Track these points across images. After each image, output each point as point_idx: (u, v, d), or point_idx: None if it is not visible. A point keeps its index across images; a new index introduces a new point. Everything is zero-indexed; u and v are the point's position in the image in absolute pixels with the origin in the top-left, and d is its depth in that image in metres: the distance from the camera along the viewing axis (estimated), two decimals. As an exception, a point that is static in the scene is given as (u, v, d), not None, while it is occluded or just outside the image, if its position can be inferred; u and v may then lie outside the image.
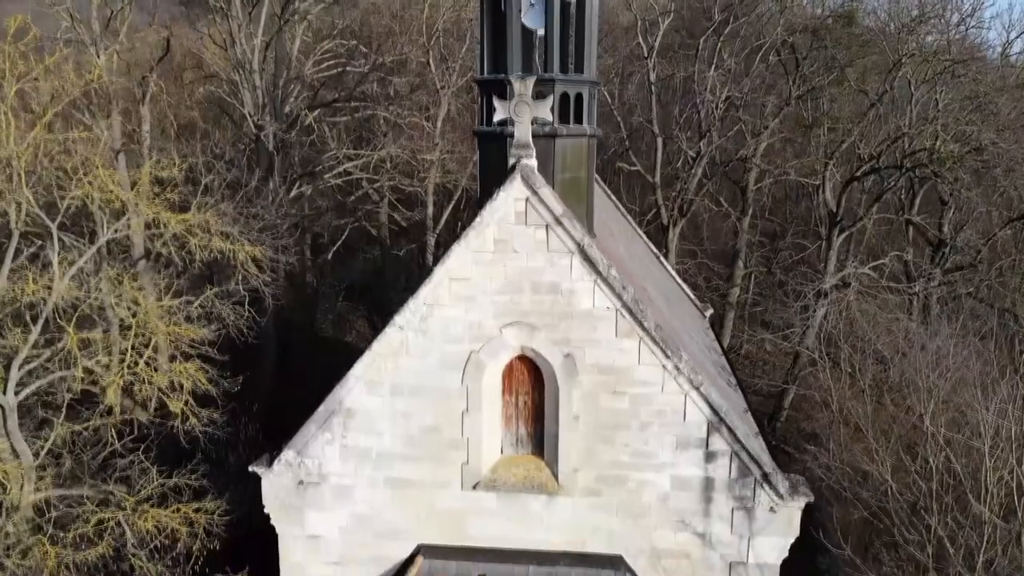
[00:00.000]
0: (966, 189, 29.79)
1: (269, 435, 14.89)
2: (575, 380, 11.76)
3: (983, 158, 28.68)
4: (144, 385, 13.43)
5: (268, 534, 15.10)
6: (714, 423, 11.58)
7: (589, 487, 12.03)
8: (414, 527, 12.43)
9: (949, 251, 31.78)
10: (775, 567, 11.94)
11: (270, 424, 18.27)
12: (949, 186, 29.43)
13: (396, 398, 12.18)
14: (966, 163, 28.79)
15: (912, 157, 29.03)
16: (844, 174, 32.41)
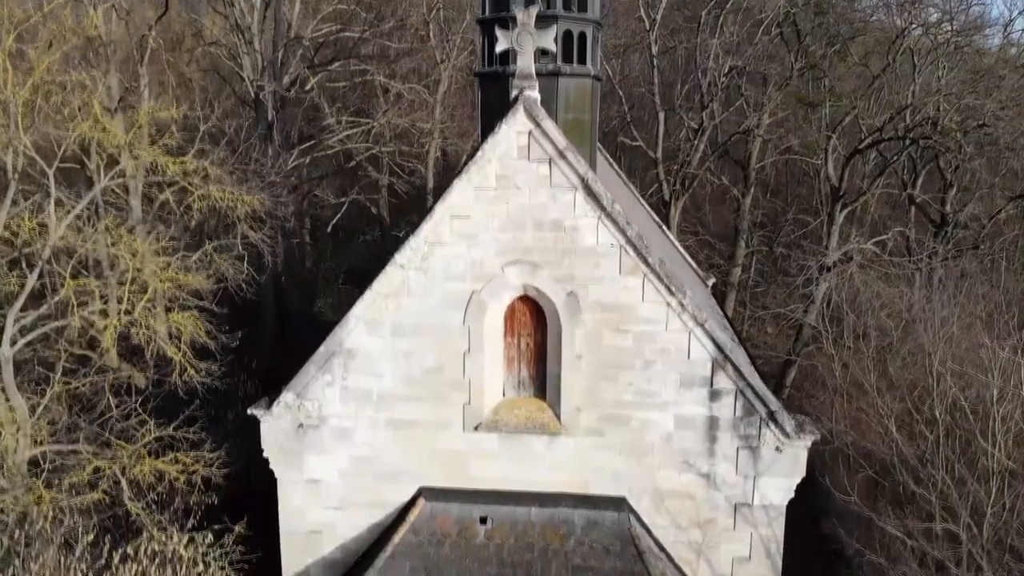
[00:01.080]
0: (969, 160, 29.64)
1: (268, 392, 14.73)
2: (578, 319, 11.62)
3: (987, 131, 28.52)
4: (141, 330, 13.28)
5: (267, 492, 15.02)
6: (719, 360, 11.45)
7: (592, 427, 11.91)
8: (415, 469, 12.31)
9: (952, 228, 31.68)
10: (781, 508, 11.83)
11: (269, 381, 18.14)
12: (953, 156, 29.27)
13: (397, 338, 12.04)
14: (969, 135, 28.65)
15: (916, 130, 28.86)
16: (847, 148, 32.25)
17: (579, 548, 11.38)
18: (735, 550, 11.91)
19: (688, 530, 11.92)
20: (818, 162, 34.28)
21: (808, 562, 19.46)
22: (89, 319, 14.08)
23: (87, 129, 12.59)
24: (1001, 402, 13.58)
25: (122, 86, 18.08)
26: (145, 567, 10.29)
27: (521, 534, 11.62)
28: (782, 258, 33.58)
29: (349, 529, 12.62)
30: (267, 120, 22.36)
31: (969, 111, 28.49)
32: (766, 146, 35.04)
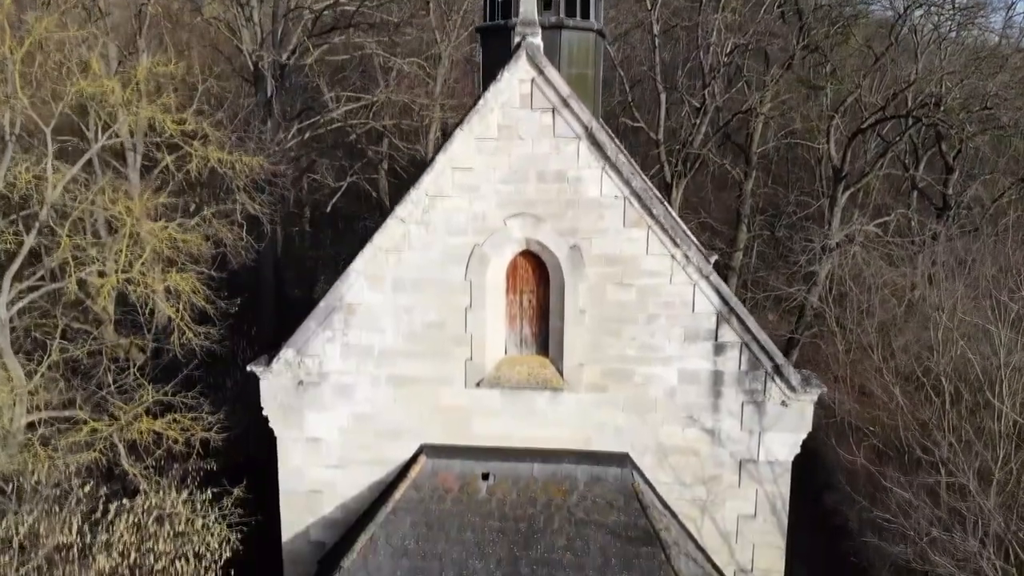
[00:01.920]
0: (971, 139, 29.52)
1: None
2: (581, 272, 11.49)
3: (989, 112, 28.43)
4: (139, 288, 13.14)
5: (267, 460, 14.91)
6: (724, 314, 11.32)
7: (595, 383, 11.79)
8: (416, 426, 12.19)
9: (955, 210, 31.58)
10: (786, 464, 11.72)
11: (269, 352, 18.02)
12: (956, 137, 29.13)
13: (398, 293, 11.91)
14: (972, 115, 28.57)
15: (921, 110, 28.75)
16: (849, 128, 32.09)
17: (582, 503, 11.27)
18: (740, 507, 11.80)
19: (692, 487, 11.81)
20: (820, 146, 34.14)
21: (812, 539, 19.42)
22: (86, 279, 13.92)
23: (85, 85, 12.41)
24: (1009, 362, 13.46)
25: (120, 53, 17.91)
26: (141, 519, 10.17)
27: (523, 489, 11.51)
28: (786, 238, 33.46)
29: (350, 488, 12.51)
30: (266, 93, 22.20)
31: (972, 92, 28.40)
32: (767, 129, 34.89)
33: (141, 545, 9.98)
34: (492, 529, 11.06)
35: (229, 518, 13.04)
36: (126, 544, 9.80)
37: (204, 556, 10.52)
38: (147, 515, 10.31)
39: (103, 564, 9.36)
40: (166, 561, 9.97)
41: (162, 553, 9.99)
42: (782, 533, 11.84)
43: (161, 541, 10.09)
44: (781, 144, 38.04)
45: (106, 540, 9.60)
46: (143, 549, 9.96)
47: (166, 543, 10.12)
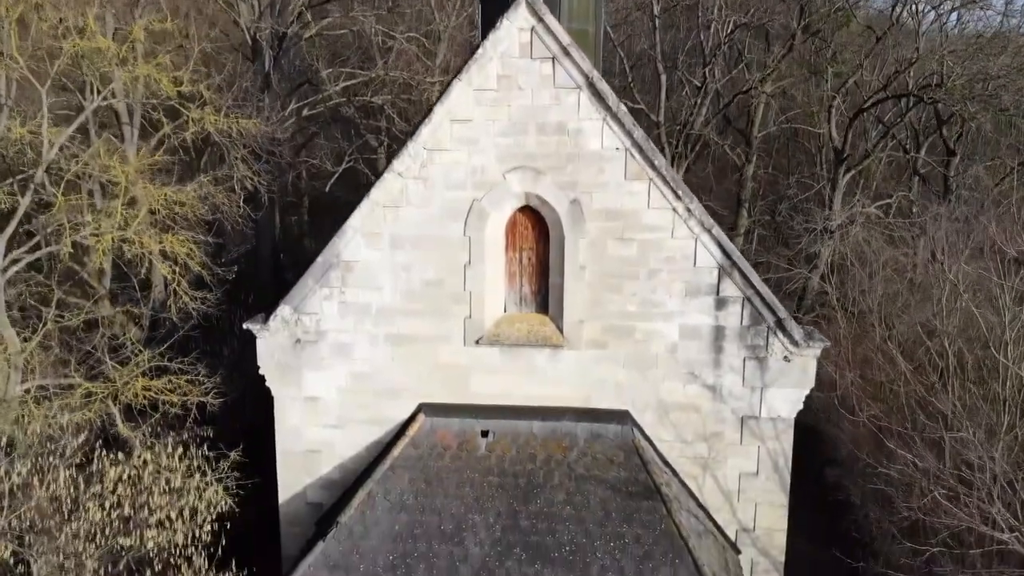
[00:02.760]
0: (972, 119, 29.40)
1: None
2: (581, 228, 11.35)
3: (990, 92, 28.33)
4: (135, 247, 12.99)
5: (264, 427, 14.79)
6: (725, 267, 11.18)
7: (595, 339, 11.66)
8: (415, 385, 12.07)
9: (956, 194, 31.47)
10: (789, 421, 11.60)
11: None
12: (958, 116, 28.99)
13: (396, 250, 11.78)
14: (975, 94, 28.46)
15: (923, 90, 28.64)
16: (851, 109, 31.95)
17: (582, 459, 11.15)
18: (742, 465, 11.68)
19: (693, 444, 11.69)
20: (821, 132, 34.01)
21: (813, 516, 19.34)
22: (82, 242, 13.78)
23: (82, 44, 12.24)
24: (1014, 325, 13.30)
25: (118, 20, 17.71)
26: (135, 473, 10.04)
27: (523, 446, 11.39)
28: (787, 220, 33.30)
29: (348, 448, 12.40)
30: (264, 66, 22.04)
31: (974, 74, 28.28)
32: (768, 111, 34.73)
33: (135, 499, 9.85)
34: (491, 485, 10.93)
35: (226, 481, 12.93)
36: (119, 496, 9.67)
37: (199, 512, 10.37)
38: (141, 469, 10.16)
39: (94, 514, 9.23)
40: (160, 515, 9.84)
41: (156, 507, 9.86)
42: (785, 491, 11.73)
43: (156, 495, 9.96)
44: (782, 129, 37.87)
45: (98, 492, 9.47)
46: (137, 503, 9.83)
47: (160, 497, 9.99)
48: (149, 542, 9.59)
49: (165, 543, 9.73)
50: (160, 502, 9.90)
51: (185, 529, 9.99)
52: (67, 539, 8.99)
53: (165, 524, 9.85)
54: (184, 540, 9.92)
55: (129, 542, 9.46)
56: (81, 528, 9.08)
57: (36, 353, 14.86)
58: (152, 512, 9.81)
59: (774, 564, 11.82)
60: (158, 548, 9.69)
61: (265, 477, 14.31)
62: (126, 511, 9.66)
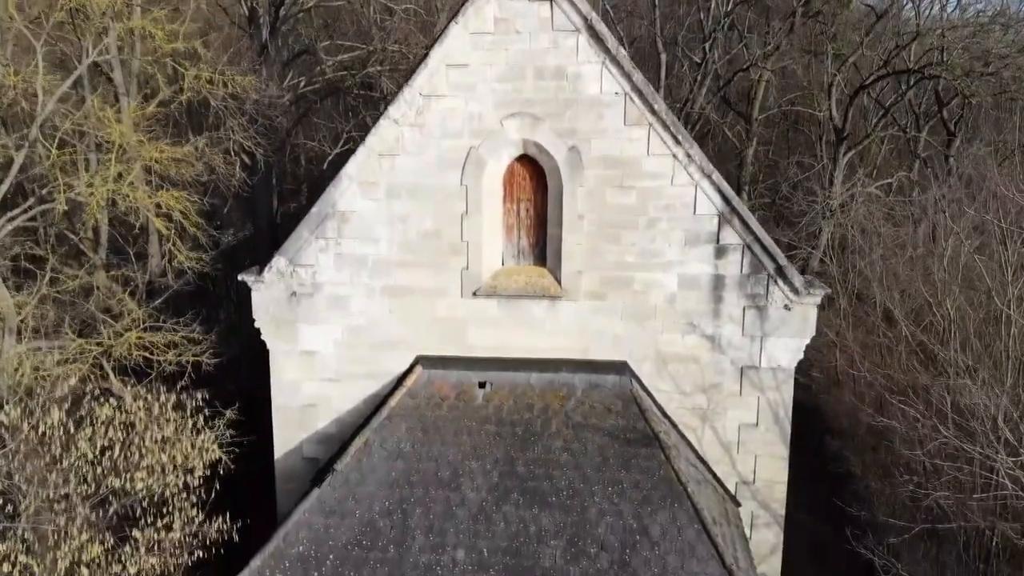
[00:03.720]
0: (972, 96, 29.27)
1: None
2: (580, 176, 11.22)
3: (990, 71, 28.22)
4: (127, 199, 12.84)
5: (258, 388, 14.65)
6: (725, 214, 11.05)
7: (593, 291, 11.54)
8: (412, 338, 11.95)
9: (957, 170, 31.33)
10: (789, 371, 11.49)
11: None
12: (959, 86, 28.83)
13: (392, 200, 11.64)
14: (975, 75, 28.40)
15: (926, 68, 28.51)
16: (851, 88, 31.81)
17: (580, 408, 11.04)
18: (742, 416, 11.58)
19: (692, 395, 11.58)
20: (821, 114, 33.87)
21: (814, 488, 19.27)
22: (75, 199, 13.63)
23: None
24: (1016, 282, 13.18)
25: None
26: (127, 417, 9.91)
27: (520, 396, 11.28)
28: (788, 198, 33.19)
29: (344, 402, 12.29)
30: (261, 37, 21.85)
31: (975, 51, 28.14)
32: (769, 89, 34.54)
33: (126, 443, 9.72)
34: (488, 433, 10.82)
35: (220, 438, 12.81)
36: (110, 439, 9.55)
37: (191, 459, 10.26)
38: (133, 415, 10.03)
39: (84, 449, 9.10)
40: (151, 460, 9.71)
41: (147, 451, 9.73)
42: (785, 443, 11.63)
43: (147, 440, 9.83)
44: (782, 111, 37.70)
45: (89, 435, 9.35)
46: (128, 446, 9.70)
47: (152, 443, 9.87)
48: (139, 483, 9.47)
49: (157, 488, 9.60)
50: (151, 447, 9.77)
51: (176, 476, 9.86)
52: (56, 478, 8.87)
53: (156, 469, 9.72)
54: (176, 487, 9.79)
55: (119, 483, 9.34)
56: (71, 468, 8.96)
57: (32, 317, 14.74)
58: (143, 456, 9.68)
59: (774, 517, 11.73)
60: (149, 493, 9.56)
61: (261, 437, 14.21)
62: (116, 454, 9.52)
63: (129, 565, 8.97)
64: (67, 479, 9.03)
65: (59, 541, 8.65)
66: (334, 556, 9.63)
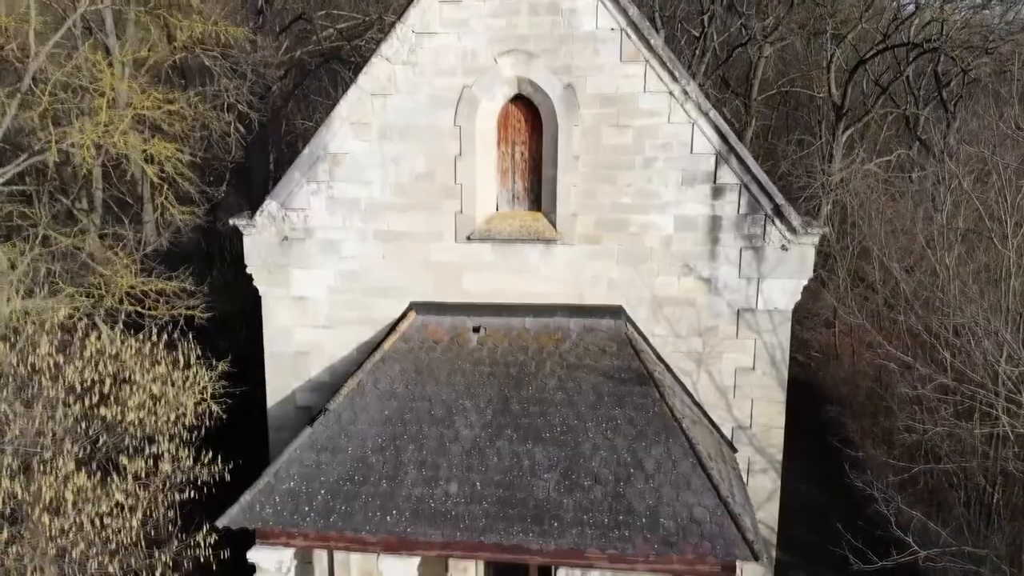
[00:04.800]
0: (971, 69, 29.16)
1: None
2: (575, 114, 11.06)
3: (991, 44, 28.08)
4: (118, 146, 12.67)
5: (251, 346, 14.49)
6: (723, 153, 10.91)
7: (588, 234, 11.40)
8: (406, 283, 11.82)
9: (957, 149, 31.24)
10: (786, 313, 11.36)
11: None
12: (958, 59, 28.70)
13: (385, 142, 11.49)
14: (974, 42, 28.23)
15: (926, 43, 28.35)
16: (851, 63, 31.66)
17: (574, 350, 10.92)
18: (738, 360, 11.45)
19: (688, 339, 11.46)
20: (820, 94, 33.72)
21: (814, 460, 19.21)
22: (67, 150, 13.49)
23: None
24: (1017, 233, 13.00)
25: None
26: (120, 351, 9.78)
27: (515, 339, 11.16)
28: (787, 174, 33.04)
29: (337, 349, 12.17)
30: (256, 3, 21.69)
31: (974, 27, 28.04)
32: (768, 66, 34.37)
33: (117, 376, 9.59)
34: (482, 373, 10.71)
35: (214, 389, 12.69)
36: (100, 374, 9.41)
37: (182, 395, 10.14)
38: (124, 351, 9.90)
39: (72, 378, 8.96)
40: (142, 396, 9.58)
41: (138, 387, 9.61)
42: (782, 387, 11.50)
43: (139, 374, 9.70)
44: (780, 92, 37.52)
45: (80, 367, 9.22)
46: (119, 380, 9.57)
47: (144, 377, 9.74)
48: (129, 415, 9.34)
49: (147, 422, 9.47)
50: (142, 383, 9.64)
51: (167, 410, 9.74)
52: (44, 409, 8.75)
53: (146, 404, 9.59)
54: (166, 422, 9.68)
55: (110, 415, 9.21)
56: (59, 398, 8.84)
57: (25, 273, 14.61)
58: (133, 392, 9.56)
59: (771, 462, 11.62)
60: (139, 426, 9.43)
61: (254, 391, 14.10)
62: (106, 387, 9.39)
63: (116, 494, 8.84)
64: (54, 409, 8.89)
65: (45, 469, 8.53)
66: (325, 491, 9.52)
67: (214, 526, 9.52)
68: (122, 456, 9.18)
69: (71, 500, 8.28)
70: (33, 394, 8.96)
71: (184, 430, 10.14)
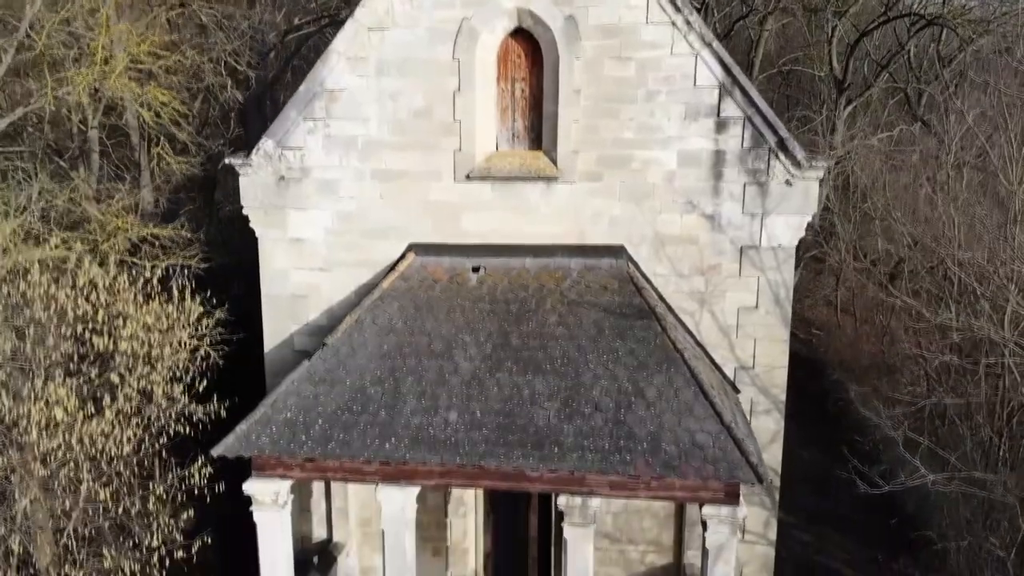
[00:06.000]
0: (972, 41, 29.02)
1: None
2: (577, 46, 10.86)
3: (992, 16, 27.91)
4: (114, 84, 12.48)
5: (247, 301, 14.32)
6: (727, 85, 10.72)
7: (589, 171, 11.22)
8: (404, 224, 11.64)
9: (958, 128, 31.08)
10: (790, 249, 11.20)
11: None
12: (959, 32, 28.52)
13: (383, 77, 11.30)
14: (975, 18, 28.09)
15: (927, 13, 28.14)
16: (852, 37, 31.45)
17: (575, 287, 10.77)
18: (741, 299, 11.29)
19: (690, 278, 11.30)
20: (821, 72, 33.53)
21: (816, 425, 19.11)
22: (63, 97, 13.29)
23: None
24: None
25: None
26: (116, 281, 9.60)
27: (515, 278, 11.01)
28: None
29: (335, 292, 12.00)
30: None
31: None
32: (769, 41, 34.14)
33: (110, 309, 9.42)
34: (482, 310, 10.56)
35: (211, 336, 12.52)
36: (94, 305, 9.25)
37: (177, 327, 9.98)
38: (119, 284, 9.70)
39: (64, 303, 8.78)
40: (135, 326, 9.41)
41: (132, 318, 9.44)
42: (786, 325, 11.35)
43: (132, 307, 9.53)
44: (781, 71, 37.32)
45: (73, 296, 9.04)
46: (112, 313, 9.41)
47: (138, 310, 9.58)
48: (123, 344, 9.18)
49: (141, 354, 9.31)
50: (136, 315, 9.47)
51: (162, 343, 9.58)
52: (35, 331, 8.59)
53: (140, 337, 9.42)
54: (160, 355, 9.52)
55: (101, 344, 9.05)
56: (51, 319, 8.68)
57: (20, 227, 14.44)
58: (126, 323, 9.39)
59: (774, 403, 11.47)
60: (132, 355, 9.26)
61: (252, 340, 13.94)
62: (100, 317, 9.22)
63: (107, 412, 8.69)
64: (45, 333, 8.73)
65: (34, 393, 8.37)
66: (323, 421, 9.38)
67: (209, 456, 9.38)
68: (113, 375, 9.00)
69: (60, 417, 8.12)
70: (25, 320, 8.79)
71: (179, 363, 9.97)
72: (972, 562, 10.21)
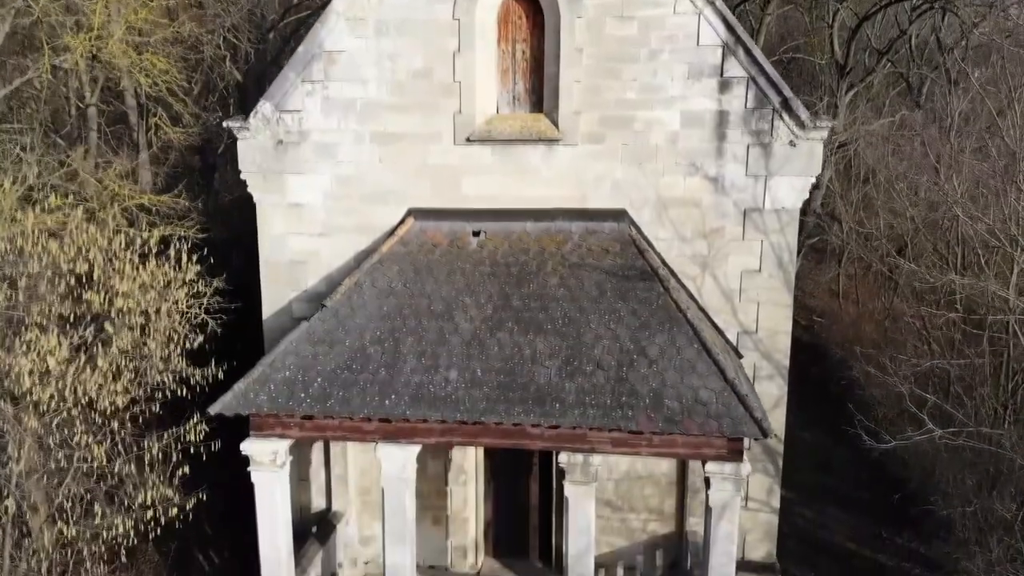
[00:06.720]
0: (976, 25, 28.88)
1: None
2: (578, 5, 10.71)
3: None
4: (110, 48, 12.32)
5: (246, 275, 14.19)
6: (730, 45, 10.59)
7: (591, 132, 11.09)
8: (404, 188, 11.51)
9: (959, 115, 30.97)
10: (794, 212, 11.08)
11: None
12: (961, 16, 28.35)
13: (382, 38, 11.16)
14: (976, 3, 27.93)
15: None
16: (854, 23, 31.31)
17: (577, 250, 10.65)
18: (744, 263, 11.17)
19: (692, 241, 11.17)
20: (823, 60, 33.39)
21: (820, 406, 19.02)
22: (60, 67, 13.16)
23: None
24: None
25: None
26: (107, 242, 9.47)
27: (516, 242, 10.89)
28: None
29: (334, 258, 11.87)
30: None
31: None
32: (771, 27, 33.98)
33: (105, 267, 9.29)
34: (483, 273, 10.45)
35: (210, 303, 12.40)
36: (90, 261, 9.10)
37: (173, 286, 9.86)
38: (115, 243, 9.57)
39: (58, 255, 8.64)
40: (130, 285, 9.28)
41: (127, 276, 9.30)
42: (789, 289, 11.23)
43: (128, 265, 9.40)
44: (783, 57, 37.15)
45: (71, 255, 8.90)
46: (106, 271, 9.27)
47: (134, 269, 9.45)
48: (119, 301, 9.05)
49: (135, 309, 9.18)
50: (131, 273, 9.34)
51: (158, 301, 9.46)
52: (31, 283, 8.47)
53: (135, 295, 9.30)
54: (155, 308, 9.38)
55: (97, 301, 8.92)
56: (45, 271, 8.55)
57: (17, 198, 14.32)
58: (123, 280, 9.26)
59: (777, 368, 11.36)
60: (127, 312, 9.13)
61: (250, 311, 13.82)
62: (96, 276, 9.10)
63: (100, 361, 8.56)
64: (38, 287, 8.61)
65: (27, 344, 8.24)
66: (322, 379, 9.28)
67: (206, 414, 9.27)
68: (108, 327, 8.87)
69: (52, 366, 7.99)
70: (18, 273, 8.67)
71: (175, 324, 9.84)
72: (978, 527, 10.11)
